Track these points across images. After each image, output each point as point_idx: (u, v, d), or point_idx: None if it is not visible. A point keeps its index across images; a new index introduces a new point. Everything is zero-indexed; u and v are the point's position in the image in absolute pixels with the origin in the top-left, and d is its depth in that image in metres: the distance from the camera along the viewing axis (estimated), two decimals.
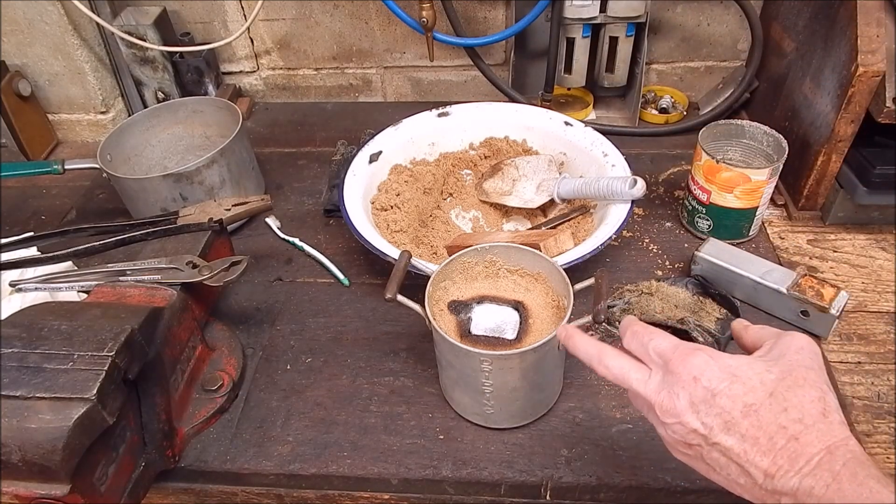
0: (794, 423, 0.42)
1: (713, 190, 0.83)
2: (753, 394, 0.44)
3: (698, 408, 0.44)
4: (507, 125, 1.00)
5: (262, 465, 0.67)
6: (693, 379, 0.45)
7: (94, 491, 0.56)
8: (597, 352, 0.52)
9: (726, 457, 0.43)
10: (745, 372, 0.45)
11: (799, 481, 0.40)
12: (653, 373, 0.48)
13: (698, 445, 0.45)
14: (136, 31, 1.07)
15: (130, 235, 0.76)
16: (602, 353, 0.51)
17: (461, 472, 0.65)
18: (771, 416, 0.43)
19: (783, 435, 0.42)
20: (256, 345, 0.79)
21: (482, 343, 0.64)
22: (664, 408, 0.46)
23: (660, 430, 0.48)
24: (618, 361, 0.50)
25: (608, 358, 0.51)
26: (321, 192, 1.02)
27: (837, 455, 0.41)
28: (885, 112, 0.77)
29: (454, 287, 0.70)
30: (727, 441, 0.43)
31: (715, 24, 1.11)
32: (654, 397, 0.47)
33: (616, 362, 0.50)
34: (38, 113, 1.15)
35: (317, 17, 1.16)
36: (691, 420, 0.45)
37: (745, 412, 0.43)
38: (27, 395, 0.53)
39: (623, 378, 0.49)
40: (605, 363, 0.50)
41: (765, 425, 0.42)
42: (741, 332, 0.52)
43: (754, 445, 0.42)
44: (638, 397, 0.49)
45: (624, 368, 0.49)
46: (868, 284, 0.82)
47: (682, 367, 0.46)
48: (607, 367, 0.50)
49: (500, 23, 1.14)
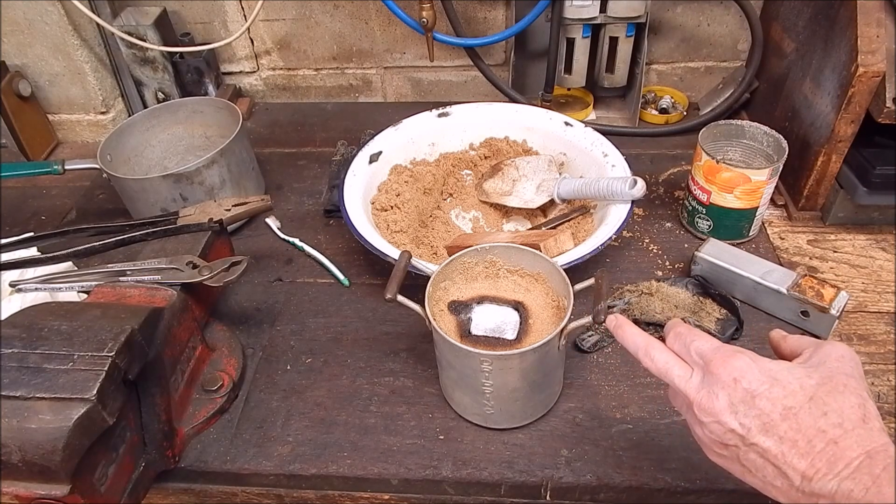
0: (834, 428, 0.42)
1: (713, 190, 0.83)
2: (793, 397, 0.44)
3: (737, 408, 0.45)
4: (507, 125, 1.00)
5: (262, 466, 0.67)
6: (733, 380, 0.46)
7: (94, 491, 0.56)
8: (644, 343, 0.52)
9: (763, 458, 0.44)
10: (786, 376, 0.45)
11: (838, 484, 0.40)
12: (694, 372, 0.48)
13: (735, 446, 0.45)
14: (136, 31, 1.07)
15: (130, 236, 0.76)
16: (650, 345, 0.52)
17: (461, 472, 0.65)
18: (810, 419, 0.43)
19: (822, 438, 0.42)
20: (256, 345, 0.79)
21: (482, 343, 0.64)
22: (703, 406, 0.46)
23: (696, 429, 0.48)
24: (664, 356, 0.51)
25: (655, 350, 0.51)
26: (321, 193, 1.02)
27: (877, 460, 0.41)
28: (885, 112, 0.77)
29: (454, 287, 0.70)
30: (765, 442, 0.43)
31: (715, 24, 1.11)
32: (694, 395, 0.47)
33: (662, 356, 0.51)
34: (39, 113, 1.15)
35: (317, 17, 1.16)
36: (729, 420, 0.45)
37: (785, 415, 0.43)
38: (27, 396, 0.53)
39: (666, 372, 0.50)
40: (652, 355, 0.51)
41: (804, 428, 0.43)
42: (779, 341, 0.53)
43: (792, 448, 0.42)
44: (678, 395, 0.50)
45: (669, 363, 0.50)
46: (868, 285, 0.82)
47: (723, 368, 0.46)
48: (653, 360, 0.51)
49: (500, 23, 1.14)
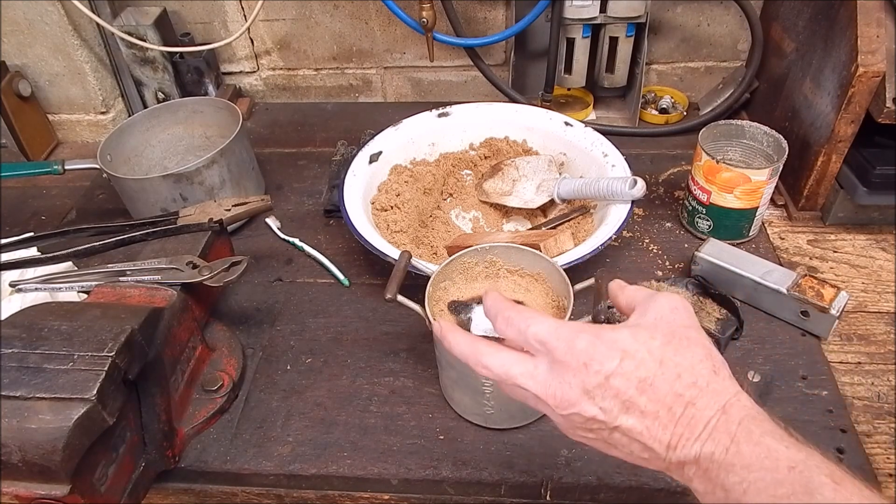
0: (689, 388, 0.41)
1: (713, 190, 0.83)
2: (644, 367, 0.42)
3: (593, 394, 0.42)
4: (507, 125, 1.00)
5: (262, 466, 0.67)
6: (583, 365, 0.43)
7: (94, 491, 0.56)
8: (472, 351, 0.48)
9: (628, 437, 0.42)
10: (632, 345, 0.43)
11: (700, 447, 0.40)
12: (537, 361, 0.45)
13: (599, 429, 0.43)
14: (136, 31, 1.07)
15: (130, 236, 0.76)
16: (478, 352, 0.47)
17: (461, 472, 0.65)
18: (666, 385, 0.42)
19: (680, 403, 0.41)
20: (256, 345, 0.79)
21: None
22: (558, 399, 0.44)
23: (555, 419, 0.45)
24: (497, 359, 0.46)
25: (486, 357, 0.47)
26: (321, 193, 1.02)
27: (732, 414, 0.40)
28: (885, 112, 0.77)
29: (454, 287, 0.70)
30: (627, 422, 0.42)
31: (715, 24, 1.11)
32: (545, 391, 0.44)
33: (496, 360, 0.46)
34: (39, 113, 1.15)
35: (317, 17, 1.16)
36: (588, 408, 0.43)
37: (641, 388, 0.42)
38: (27, 396, 0.53)
39: (506, 375, 0.46)
40: (484, 363, 0.47)
41: (662, 397, 0.41)
42: (617, 291, 0.51)
43: (655, 420, 0.41)
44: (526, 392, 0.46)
45: (505, 365, 0.46)
46: (868, 285, 0.82)
47: (569, 354, 0.43)
48: (487, 367, 0.47)
49: (500, 23, 1.14)
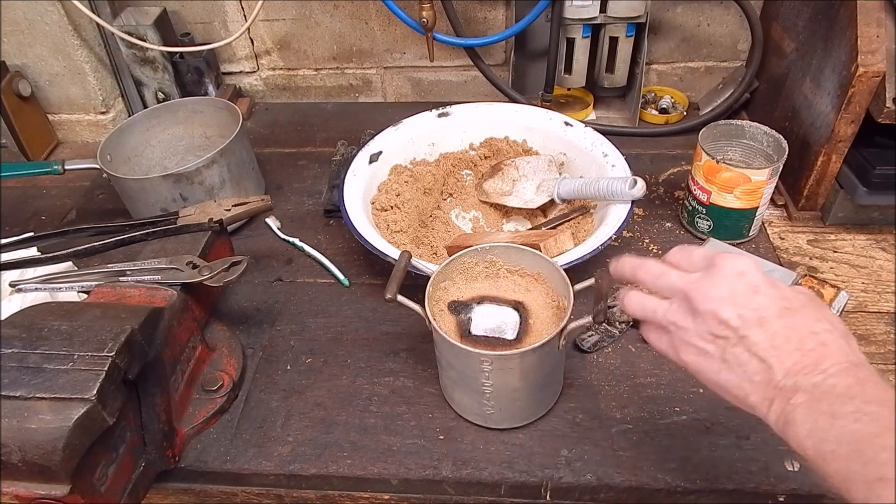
0: (825, 332, 0.43)
1: (713, 190, 0.83)
2: (790, 301, 0.45)
3: (737, 300, 0.45)
4: (507, 125, 1.00)
5: (262, 466, 0.67)
6: (738, 274, 0.46)
7: (94, 491, 0.56)
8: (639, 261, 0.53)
9: (750, 352, 0.44)
10: (784, 286, 0.46)
11: (823, 378, 0.41)
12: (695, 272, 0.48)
13: (724, 338, 0.45)
14: (136, 31, 1.07)
15: (130, 236, 0.76)
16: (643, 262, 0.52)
17: (461, 472, 0.65)
18: (804, 321, 0.44)
19: (813, 340, 0.43)
20: (256, 345, 0.79)
21: (482, 343, 0.64)
22: (703, 293, 0.46)
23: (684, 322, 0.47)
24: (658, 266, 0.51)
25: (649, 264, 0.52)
26: (321, 193, 1.02)
27: (862, 368, 0.42)
28: (885, 112, 0.77)
29: (454, 287, 0.70)
30: (757, 335, 0.44)
31: (715, 24, 1.11)
32: (694, 285, 0.47)
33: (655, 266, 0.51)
34: (39, 113, 1.15)
35: (317, 17, 1.16)
36: (726, 309, 0.45)
37: (782, 313, 0.44)
38: (27, 396, 0.53)
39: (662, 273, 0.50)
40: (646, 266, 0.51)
41: (798, 328, 0.43)
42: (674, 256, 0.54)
43: (785, 342, 0.43)
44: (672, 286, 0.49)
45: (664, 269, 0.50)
46: (868, 285, 0.82)
47: (729, 262, 0.46)
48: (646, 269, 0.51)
49: (500, 23, 1.14)
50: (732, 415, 0.68)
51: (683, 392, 0.71)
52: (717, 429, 0.67)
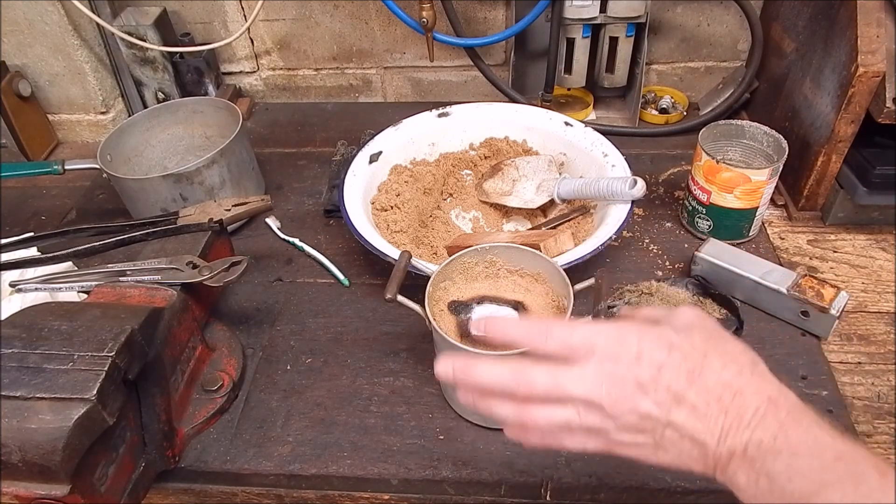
0: (736, 377, 0.42)
1: (713, 190, 0.83)
2: (691, 358, 0.42)
3: (647, 387, 0.42)
4: (507, 125, 1.00)
5: (262, 466, 0.67)
6: (635, 358, 0.42)
7: (94, 491, 0.56)
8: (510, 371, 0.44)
9: (679, 433, 0.42)
10: (676, 339, 0.43)
11: (749, 434, 0.40)
12: (584, 364, 0.43)
13: (651, 429, 0.42)
14: (136, 31, 1.07)
15: (130, 236, 0.76)
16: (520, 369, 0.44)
17: (461, 472, 0.65)
18: (714, 375, 0.42)
19: (729, 392, 0.41)
20: (256, 345, 0.79)
21: (482, 343, 0.64)
22: (613, 397, 0.42)
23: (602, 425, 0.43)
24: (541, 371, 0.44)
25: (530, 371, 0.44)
26: (321, 193, 1.02)
27: (780, 404, 0.41)
28: (885, 112, 0.77)
29: (454, 287, 0.70)
30: (679, 416, 0.41)
31: (715, 24, 1.11)
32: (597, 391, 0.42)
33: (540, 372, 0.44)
34: (39, 113, 1.15)
35: (317, 17, 1.16)
36: (643, 402, 0.41)
37: (690, 378, 0.42)
38: (27, 396, 0.53)
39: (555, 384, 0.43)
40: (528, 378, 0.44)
41: (711, 387, 0.41)
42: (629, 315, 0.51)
43: (706, 410, 0.41)
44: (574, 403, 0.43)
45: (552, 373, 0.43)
46: (868, 285, 0.82)
47: (620, 347, 0.42)
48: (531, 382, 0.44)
49: (500, 23, 1.14)
50: None
51: None
52: None
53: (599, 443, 0.44)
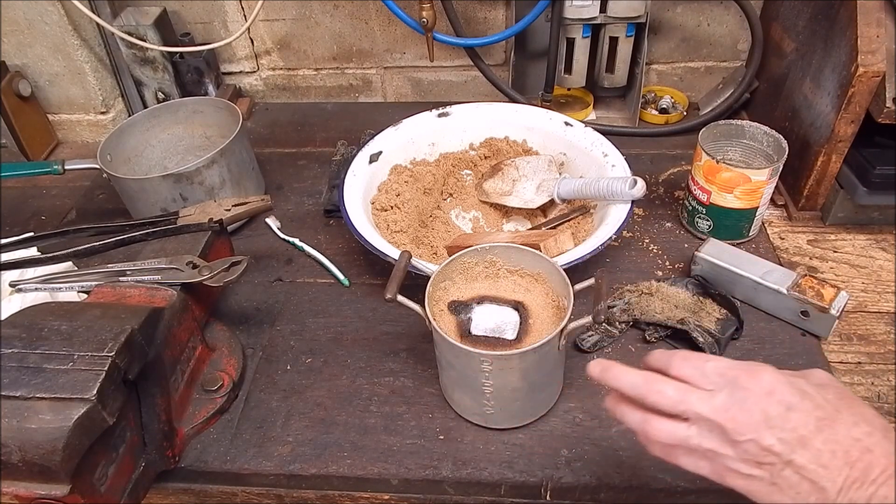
0: (867, 436, 0.42)
1: (713, 190, 0.83)
2: (823, 410, 0.43)
3: (774, 423, 0.43)
4: (507, 125, 1.00)
5: (262, 466, 0.67)
6: (767, 394, 0.44)
7: (94, 491, 0.56)
8: (644, 379, 0.48)
9: (799, 474, 0.42)
10: (810, 389, 0.44)
11: (874, 490, 0.40)
12: (715, 392, 0.45)
13: (770, 465, 0.43)
14: (136, 31, 1.07)
15: (130, 236, 0.76)
16: (650, 378, 0.47)
17: (461, 472, 0.65)
18: (844, 429, 0.42)
19: (857, 447, 0.42)
20: (256, 345, 0.79)
21: (482, 343, 0.64)
22: (738, 422, 0.43)
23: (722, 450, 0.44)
24: (672, 386, 0.46)
25: (660, 383, 0.47)
26: (321, 193, 1.02)
27: None
28: (885, 112, 0.77)
29: (454, 287, 0.70)
30: (803, 457, 0.42)
31: (715, 24, 1.11)
32: (723, 414, 0.44)
33: (670, 386, 0.46)
34: (39, 113, 1.15)
35: (317, 17, 1.16)
36: (767, 436, 0.43)
37: (819, 426, 0.43)
38: (27, 396, 0.53)
39: (683, 400, 0.45)
40: (659, 388, 0.47)
41: (840, 438, 0.42)
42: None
43: (832, 458, 0.42)
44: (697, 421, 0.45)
45: (682, 389, 0.46)
46: (868, 285, 0.82)
47: (754, 381, 0.44)
48: (660, 392, 0.46)
49: (500, 23, 1.14)
50: None
51: None
52: None
53: (715, 468, 0.45)
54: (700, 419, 0.45)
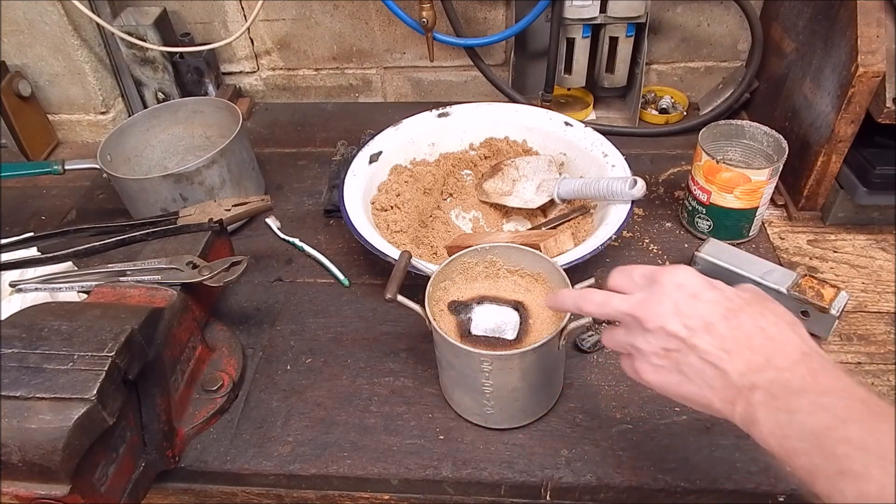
0: (772, 326, 0.44)
1: (713, 190, 0.83)
2: (733, 303, 0.45)
3: (681, 310, 0.46)
4: (507, 125, 1.00)
5: (262, 466, 0.67)
6: (677, 286, 0.47)
7: (94, 491, 0.56)
8: (578, 294, 0.54)
9: (703, 360, 0.44)
10: (726, 288, 0.47)
11: (776, 374, 0.42)
12: (637, 293, 0.49)
13: (676, 350, 0.46)
14: (136, 31, 1.07)
15: (130, 236, 0.76)
16: (584, 293, 0.53)
17: (461, 472, 0.65)
18: (750, 319, 0.44)
19: (761, 335, 0.43)
20: (256, 345, 0.79)
21: (482, 343, 0.64)
22: (649, 312, 0.47)
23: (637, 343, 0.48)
24: (600, 294, 0.52)
25: (591, 294, 0.52)
26: (321, 193, 1.02)
27: (814, 358, 0.42)
28: (885, 112, 0.77)
29: (454, 287, 0.70)
30: (705, 342, 0.44)
31: (715, 24, 1.11)
32: (638, 306, 0.48)
33: (598, 294, 0.52)
34: (39, 113, 1.15)
35: (317, 17, 1.16)
36: (672, 323, 0.46)
37: (727, 316, 0.45)
38: (27, 396, 0.53)
39: (607, 303, 0.50)
40: (588, 297, 0.52)
41: (745, 328, 0.44)
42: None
43: (734, 344, 0.44)
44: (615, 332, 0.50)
45: (607, 296, 0.51)
46: (868, 285, 0.82)
47: (667, 276, 0.48)
48: (589, 300, 0.52)
49: (500, 23, 1.14)
50: None
51: None
52: (717, 429, 0.67)
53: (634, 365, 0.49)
54: (623, 316, 0.49)
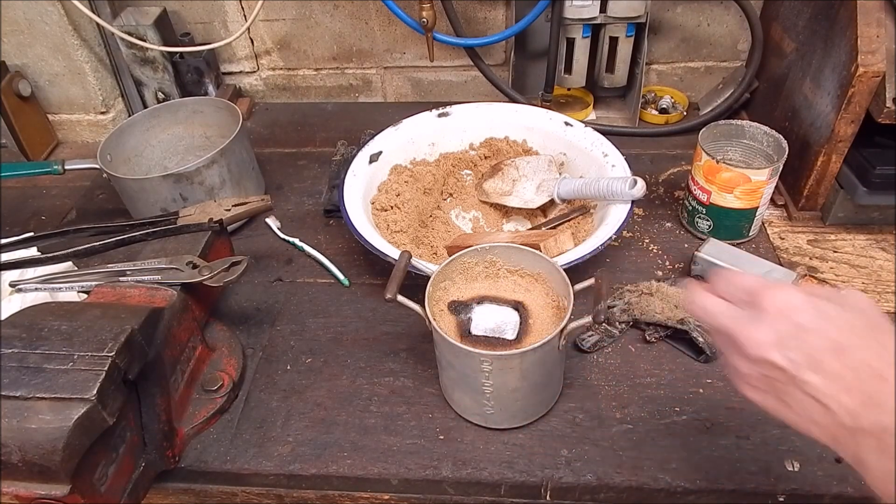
0: (886, 367, 0.41)
1: (713, 190, 0.83)
2: (844, 335, 0.43)
3: (784, 343, 0.43)
4: (507, 125, 1.00)
5: (262, 466, 0.67)
6: (781, 312, 0.44)
7: (94, 491, 0.56)
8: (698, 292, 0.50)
9: (807, 394, 0.42)
10: (836, 314, 0.44)
11: (887, 420, 0.39)
12: (744, 309, 0.47)
13: (777, 381, 0.44)
14: (136, 31, 1.07)
15: (130, 236, 0.76)
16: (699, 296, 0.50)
17: (461, 472, 0.65)
18: (861, 354, 0.42)
19: (872, 374, 0.41)
20: (256, 345, 0.79)
21: (482, 343, 0.64)
22: (750, 340, 0.44)
23: (737, 363, 0.46)
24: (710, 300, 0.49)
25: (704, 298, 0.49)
26: (321, 193, 1.02)
27: None
28: (885, 112, 0.77)
29: (454, 287, 0.70)
30: (812, 378, 0.42)
31: (715, 24, 1.11)
32: (740, 330, 0.45)
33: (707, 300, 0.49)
34: (39, 113, 1.15)
35: (317, 17, 1.16)
36: (774, 355, 0.43)
37: (835, 350, 0.42)
38: (27, 396, 0.53)
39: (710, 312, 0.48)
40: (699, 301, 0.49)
41: (855, 364, 0.41)
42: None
43: (841, 383, 0.41)
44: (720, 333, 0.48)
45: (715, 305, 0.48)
46: (868, 285, 0.82)
47: (769, 300, 0.45)
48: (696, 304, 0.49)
49: (500, 23, 1.14)
50: (732, 415, 0.68)
51: (683, 392, 0.71)
52: (717, 429, 0.67)
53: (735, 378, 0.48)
54: (721, 333, 0.47)
